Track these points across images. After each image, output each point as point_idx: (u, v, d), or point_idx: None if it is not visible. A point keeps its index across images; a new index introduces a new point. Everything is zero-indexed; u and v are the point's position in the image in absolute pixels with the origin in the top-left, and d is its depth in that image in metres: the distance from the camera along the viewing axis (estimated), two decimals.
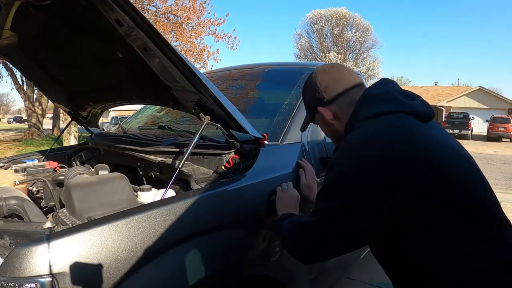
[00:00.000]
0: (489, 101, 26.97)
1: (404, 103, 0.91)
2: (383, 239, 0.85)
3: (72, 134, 9.92)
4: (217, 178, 1.31)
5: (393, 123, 0.87)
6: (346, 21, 29.31)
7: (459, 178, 0.80)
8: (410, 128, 0.85)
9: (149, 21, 1.08)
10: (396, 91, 0.95)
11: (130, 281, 0.86)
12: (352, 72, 1.10)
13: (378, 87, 0.99)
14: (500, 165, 10.11)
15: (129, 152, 1.60)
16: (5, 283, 0.75)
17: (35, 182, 1.62)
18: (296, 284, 1.38)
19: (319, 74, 1.09)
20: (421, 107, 0.91)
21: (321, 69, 1.11)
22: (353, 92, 1.03)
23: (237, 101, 1.94)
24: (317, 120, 1.14)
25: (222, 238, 1.10)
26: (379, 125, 0.87)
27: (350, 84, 1.05)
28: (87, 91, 1.99)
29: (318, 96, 1.07)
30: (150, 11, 10.94)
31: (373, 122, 0.89)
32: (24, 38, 1.61)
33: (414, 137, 0.83)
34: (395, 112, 0.89)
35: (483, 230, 0.78)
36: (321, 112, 1.07)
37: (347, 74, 1.08)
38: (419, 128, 0.86)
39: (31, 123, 16.18)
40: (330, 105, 1.05)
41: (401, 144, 0.81)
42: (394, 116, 0.88)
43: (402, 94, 0.95)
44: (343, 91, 1.04)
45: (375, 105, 0.92)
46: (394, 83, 1.01)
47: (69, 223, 1.07)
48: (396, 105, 0.91)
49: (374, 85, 1.02)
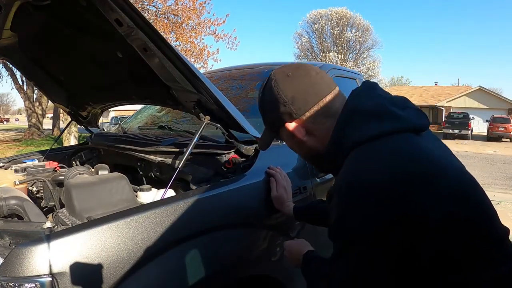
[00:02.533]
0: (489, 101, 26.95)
1: (403, 119, 0.76)
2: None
3: (72, 134, 9.92)
4: (217, 178, 1.31)
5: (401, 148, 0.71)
6: (346, 21, 29.31)
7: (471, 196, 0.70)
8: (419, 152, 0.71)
9: (149, 21, 1.08)
10: (387, 101, 0.79)
11: (130, 281, 0.86)
12: (323, 73, 0.87)
13: (365, 98, 0.80)
14: (500, 165, 10.11)
15: (129, 152, 1.60)
16: (5, 283, 0.75)
17: (35, 182, 1.62)
18: (296, 284, 1.38)
19: (281, 82, 0.85)
20: (418, 119, 0.78)
21: (282, 74, 0.86)
22: (326, 100, 0.83)
23: (237, 101, 1.94)
24: (283, 137, 0.93)
25: (222, 238, 1.10)
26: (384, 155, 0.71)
27: (323, 90, 0.83)
28: (87, 91, 1.99)
29: (284, 110, 0.84)
30: (150, 11, 10.94)
31: (372, 149, 0.73)
32: (24, 38, 1.61)
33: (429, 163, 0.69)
34: (395, 133, 0.73)
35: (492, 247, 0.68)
36: (290, 130, 0.86)
37: (317, 77, 0.85)
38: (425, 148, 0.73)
39: (31, 123, 16.18)
40: (300, 119, 0.84)
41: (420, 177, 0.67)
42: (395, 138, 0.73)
43: (393, 103, 0.79)
44: (316, 101, 0.83)
45: (368, 123, 0.75)
46: (379, 88, 0.85)
47: (69, 223, 1.07)
48: (394, 123, 0.75)
49: (359, 94, 0.82)
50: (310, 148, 0.87)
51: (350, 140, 0.76)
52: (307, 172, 1.51)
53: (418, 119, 0.78)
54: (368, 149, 0.73)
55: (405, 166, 0.68)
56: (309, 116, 0.84)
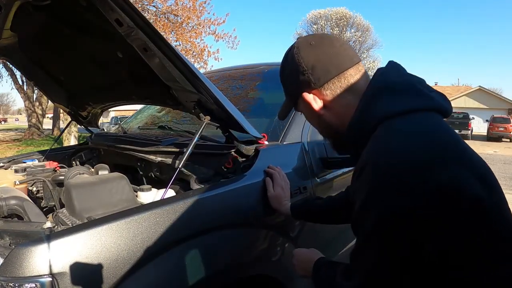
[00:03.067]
0: (489, 101, 26.98)
1: (431, 98, 0.74)
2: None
3: (72, 134, 9.93)
4: (217, 178, 1.31)
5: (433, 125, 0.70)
6: (346, 21, 29.34)
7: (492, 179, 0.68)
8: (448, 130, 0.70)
9: (149, 21, 1.08)
10: (415, 79, 0.78)
11: (130, 281, 0.86)
12: (347, 46, 0.84)
13: (394, 75, 0.78)
14: (500, 165, 10.10)
15: (129, 152, 1.60)
16: (5, 283, 0.75)
17: (35, 182, 1.62)
18: (296, 284, 1.38)
19: (303, 50, 0.82)
20: (444, 102, 0.76)
21: (305, 42, 0.83)
22: (349, 73, 0.79)
23: (237, 101, 1.94)
24: (301, 108, 0.90)
25: (222, 238, 1.10)
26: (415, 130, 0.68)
27: (346, 62, 0.80)
28: (87, 91, 1.99)
29: (303, 78, 0.81)
30: (150, 11, 10.95)
31: (402, 124, 0.70)
32: (24, 38, 1.61)
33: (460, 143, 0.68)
34: (425, 110, 0.72)
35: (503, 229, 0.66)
36: (307, 100, 0.83)
37: (341, 48, 0.81)
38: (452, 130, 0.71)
39: (31, 123, 16.18)
40: (319, 90, 0.81)
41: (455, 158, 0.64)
42: (425, 115, 0.71)
43: (420, 83, 0.77)
44: (338, 73, 0.79)
45: (398, 99, 0.73)
46: (404, 69, 0.82)
47: (69, 223, 1.07)
48: (424, 101, 0.73)
49: (387, 71, 0.80)
50: (329, 124, 0.84)
51: (378, 115, 0.72)
52: (307, 172, 1.51)
53: (444, 102, 0.76)
54: (397, 124, 0.70)
55: (439, 142, 0.66)
56: (328, 88, 0.80)
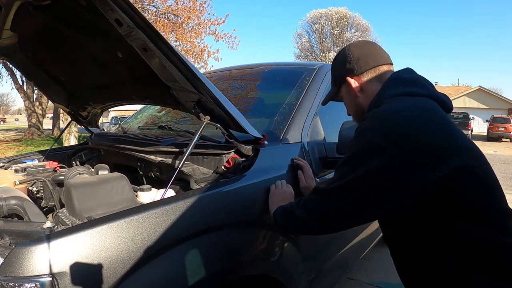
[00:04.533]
0: (489, 101, 26.97)
1: (433, 91, 0.97)
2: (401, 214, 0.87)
3: (72, 134, 9.92)
4: (217, 178, 1.31)
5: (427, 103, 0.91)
6: (346, 21, 29.33)
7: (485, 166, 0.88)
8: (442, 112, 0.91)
9: (149, 21, 1.08)
10: (423, 79, 1.01)
11: (130, 281, 0.86)
12: (384, 51, 1.12)
13: (407, 72, 1.03)
14: (500, 165, 10.10)
15: (129, 152, 1.60)
16: (5, 283, 0.75)
17: (35, 182, 1.62)
18: (296, 284, 1.38)
19: (352, 47, 1.11)
20: (445, 98, 0.98)
21: (355, 43, 1.14)
22: (382, 68, 1.06)
23: (237, 101, 1.94)
24: (343, 93, 1.14)
25: (222, 238, 1.10)
26: (414, 102, 0.91)
27: (381, 60, 1.07)
28: (87, 91, 1.99)
29: (349, 67, 1.08)
30: (150, 11, 10.94)
31: (404, 99, 0.92)
32: (24, 38, 1.61)
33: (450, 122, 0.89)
34: (423, 96, 0.94)
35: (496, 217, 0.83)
36: (349, 82, 1.08)
37: (380, 50, 1.10)
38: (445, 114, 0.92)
39: (31, 123, 16.18)
40: (359, 77, 1.07)
41: (442, 123, 0.86)
42: (423, 99, 0.93)
43: (428, 83, 1.00)
44: (374, 66, 1.06)
45: (404, 86, 0.96)
46: (416, 72, 1.06)
47: (69, 223, 1.07)
48: (426, 90, 0.96)
49: (402, 70, 1.05)
50: (360, 104, 1.09)
51: (388, 94, 0.96)
52: None
53: (445, 98, 0.98)
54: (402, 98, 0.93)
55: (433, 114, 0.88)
56: (365, 76, 1.06)
